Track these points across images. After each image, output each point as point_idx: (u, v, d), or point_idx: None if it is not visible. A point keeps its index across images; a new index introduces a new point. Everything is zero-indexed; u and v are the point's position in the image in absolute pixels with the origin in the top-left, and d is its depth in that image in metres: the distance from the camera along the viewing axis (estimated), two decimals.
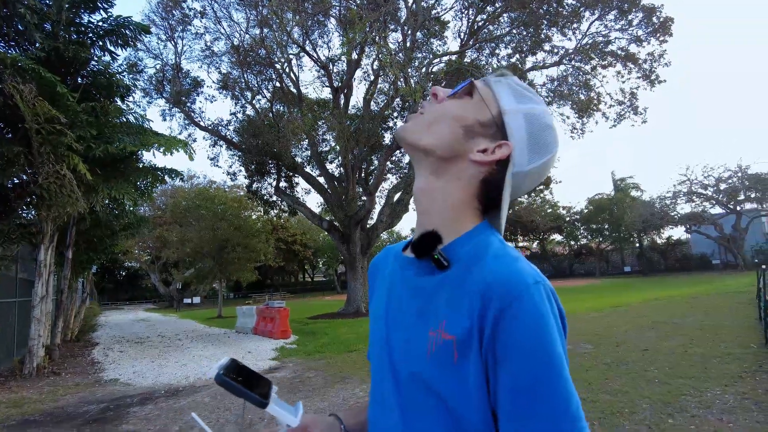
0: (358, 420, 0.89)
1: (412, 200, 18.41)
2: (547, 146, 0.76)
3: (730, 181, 33.77)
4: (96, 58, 9.66)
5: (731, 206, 34.67)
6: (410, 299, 0.74)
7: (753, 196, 33.64)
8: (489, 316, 0.62)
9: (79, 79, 9.67)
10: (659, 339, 8.34)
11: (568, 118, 17.24)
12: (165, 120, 19.69)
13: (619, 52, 15.29)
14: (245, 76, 18.82)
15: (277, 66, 18.38)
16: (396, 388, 0.72)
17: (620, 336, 8.98)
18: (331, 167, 21.25)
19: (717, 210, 36.02)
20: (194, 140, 21.16)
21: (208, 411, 5.67)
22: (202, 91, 19.23)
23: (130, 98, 11.62)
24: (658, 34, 14.54)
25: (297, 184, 22.08)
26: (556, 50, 16.24)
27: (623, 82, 15.98)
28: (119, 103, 10.20)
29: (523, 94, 0.77)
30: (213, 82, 20.38)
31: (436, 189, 0.76)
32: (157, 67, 18.19)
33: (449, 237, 0.73)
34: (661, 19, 14.43)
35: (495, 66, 17.09)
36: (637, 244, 44.33)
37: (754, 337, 7.72)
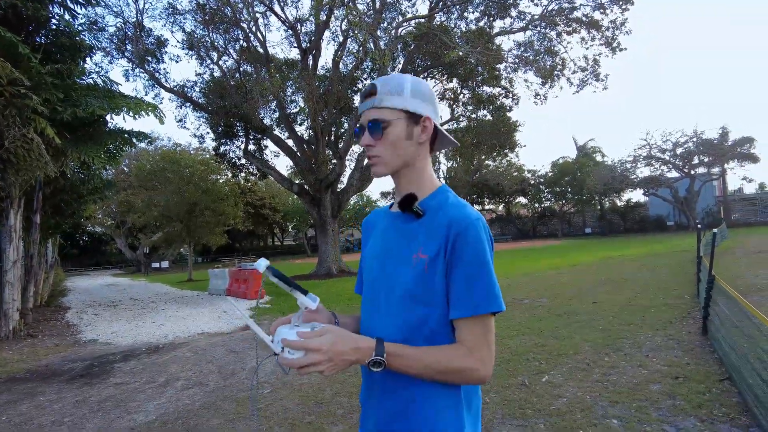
0: (345, 321, 1.26)
1: None
2: (431, 93, 1.14)
3: (686, 145, 35.31)
4: (58, 17, 9.36)
5: (686, 170, 36.37)
6: (400, 238, 1.13)
7: (706, 160, 35.35)
8: (450, 239, 1.02)
9: (40, 39, 9.38)
10: (609, 293, 9.10)
11: (531, 84, 17.60)
12: (129, 81, 19.04)
13: (583, 18, 15.62)
14: (211, 35, 18.30)
15: (244, 26, 17.95)
16: (387, 297, 1.11)
17: (575, 291, 9.73)
18: (301, 129, 21.13)
19: (673, 174, 37.72)
20: (160, 101, 20.60)
21: (190, 364, 6.03)
22: (166, 51, 18.58)
23: (91, 59, 11.34)
24: (621, 2, 14.91)
25: (266, 147, 21.82)
26: (523, 15, 16.43)
27: (587, 48, 16.45)
28: (84, 64, 9.97)
29: (396, 86, 1.09)
30: (178, 41, 19.75)
31: (410, 171, 1.14)
32: (118, 25, 17.46)
33: (422, 195, 1.13)
34: None
35: (463, 30, 17.20)
36: (599, 207, 46.13)
37: (690, 290, 8.54)
